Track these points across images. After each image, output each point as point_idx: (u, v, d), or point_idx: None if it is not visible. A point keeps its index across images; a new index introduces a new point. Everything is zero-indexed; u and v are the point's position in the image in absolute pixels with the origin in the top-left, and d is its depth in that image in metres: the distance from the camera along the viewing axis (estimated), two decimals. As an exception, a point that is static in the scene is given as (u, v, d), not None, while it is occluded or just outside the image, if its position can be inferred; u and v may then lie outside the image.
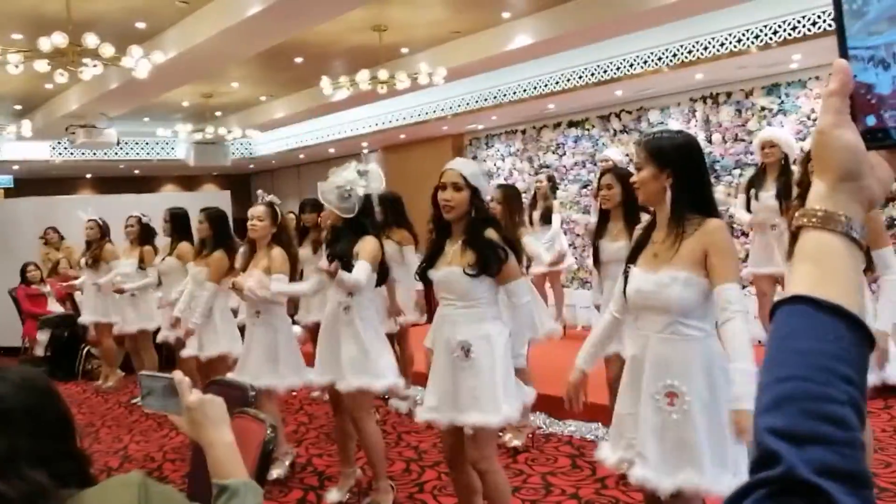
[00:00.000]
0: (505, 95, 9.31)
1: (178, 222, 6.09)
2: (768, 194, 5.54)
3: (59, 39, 5.68)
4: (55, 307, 8.97)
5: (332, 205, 3.94)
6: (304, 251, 5.86)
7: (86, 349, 8.32)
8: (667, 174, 2.50)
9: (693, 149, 2.56)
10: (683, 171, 2.50)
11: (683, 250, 2.46)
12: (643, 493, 2.78)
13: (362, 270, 3.81)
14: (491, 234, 3.14)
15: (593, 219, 5.55)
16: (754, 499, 0.60)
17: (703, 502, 2.65)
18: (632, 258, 2.64)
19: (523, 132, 10.66)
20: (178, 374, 1.51)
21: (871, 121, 0.73)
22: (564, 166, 9.87)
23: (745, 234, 6.92)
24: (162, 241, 6.70)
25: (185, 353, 5.33)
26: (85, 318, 7.67)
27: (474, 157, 11.35)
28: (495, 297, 3.25)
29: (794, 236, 0.75)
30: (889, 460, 4.37)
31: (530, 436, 5.03)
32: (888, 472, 4.18)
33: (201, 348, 5.23)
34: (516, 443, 4.92)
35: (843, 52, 0.73)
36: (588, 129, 9.73)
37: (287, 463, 4.70)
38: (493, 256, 3.09)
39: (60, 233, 9.75)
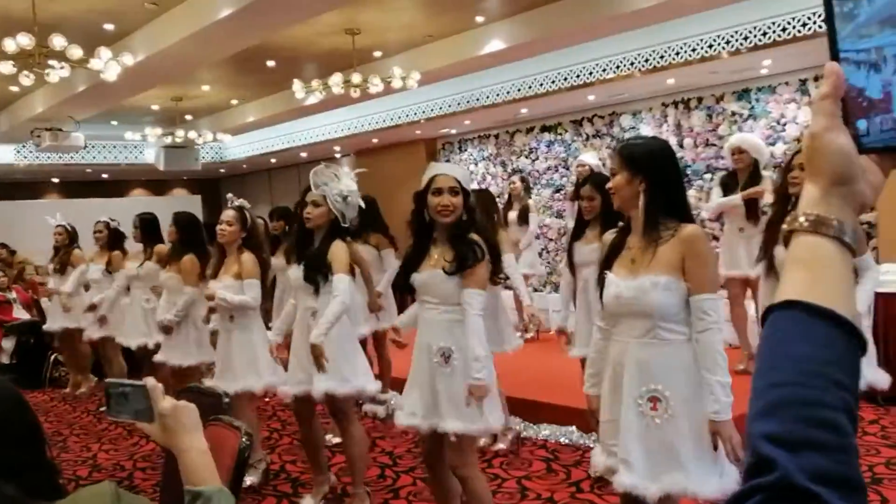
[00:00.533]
0: (478, 100, 9.32)
1: (148, 228, 6.01)
2: (737, 197, 5.63)
3: (25, 41, 5.57)
4: (21, 314, 8.79)
5: (339, 213, 3.87)
6: (278, 261, 5.79)
7: (53, 356, 8.17)
8: (639, 180, 2.52)
9: (666, 155, 2.59)
10: (657, 176, 2.52)
11: (661, 255, 2.47)
12: (620, 497, 2.78)
13: (339, 284, 3.80)
14: (475, 237, 3.13)
15: (570, 223, 5.57)
16: None
17: None
18: (607, 264, 2.64)
19: (496, 137, 10.68)
20: (150, 381, 1.49)
21: (861, 124, 0.72)
22: (537, 171, 9.90)
23: (716, 238, 6.99)
24: (133, 246, 6.60)
25: (158, 358, 5.27)
26: (51, 325, 7.53)
27: (447, 162, 11.36)
28: (483, 305, 3.24)
29: (785, 241, 0.73)
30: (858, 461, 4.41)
31: (514, 439, 5.03)
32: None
33: (173, 356, 5.15)
34: (501, 446, 4.93)
35: (835, 54, 0.73)
36: (561, 134, 9.77)
37: (261, 470, 4.64)
38: (470, 254, 3.08)
39: (10, 248, 9.59)
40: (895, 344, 5.64)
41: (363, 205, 4.08)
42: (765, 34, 6.51)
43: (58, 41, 5.57)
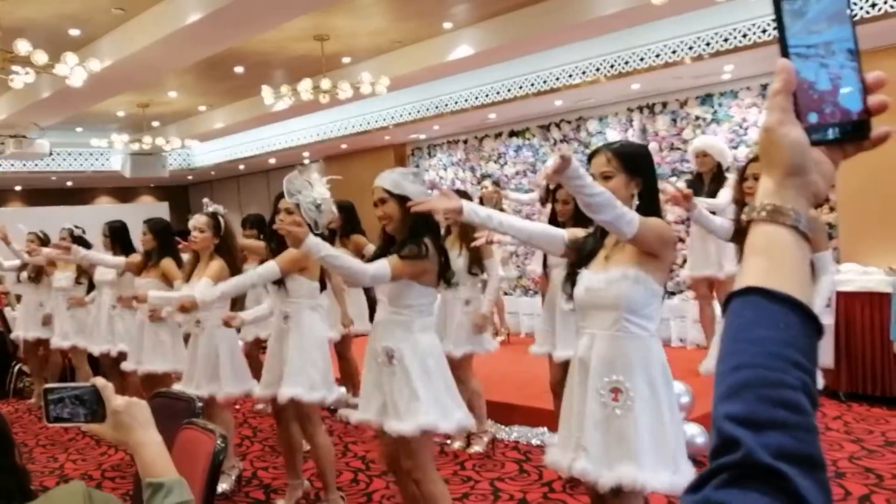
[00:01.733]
0: (447, 105, 9.37)
1: (118, 235, 5.95)
2: (703, 199, 5.72)
3: (-11, 46, 5.50)
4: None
5: (311, 221, 3.78)
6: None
7: (17, 366, 8.03)
8: (636, 182, 2.60)
9: (651, 157, 2.71)
10: (648, 178, 2.63)
11: (633, 249, 2.55)
12: (588, 494, 2.83)
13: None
14: (427, 237, 3.14)
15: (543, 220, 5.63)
16: (715, 484, 0.61)
17: (646, 501, 2.70)
18: (584, 262, 2.70)
19: (465, 142, 10.73)
20: (100, 380, 1.51)
21: (813, 118, 0.75)
22: (506, 175, 9.97)
23: (682, 241, 7.10)
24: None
25: (127, 366, 5.22)
26: (17, 334, 7.42)
27: (417, 167, 11.38)
28: (431, 307, 3.26)
29: (744, 231, 0.78)
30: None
31: (489, 442, 5.07)
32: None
33: (143, 362, 5.11)
34: (477, 448, 4.96)
35: (784, 51, 0.76)
36: (529, 139, 9.85)
37: (233, 477, 4.62)
38: (410, 244, 3.07)
39: None
40: (855, 342, 5.78)
41: (336, 211, 4.09)
42: (726, 40, 6.64)
43: (22, 46, 5.50)
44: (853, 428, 5.12)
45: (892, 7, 5.63)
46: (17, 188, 14.95)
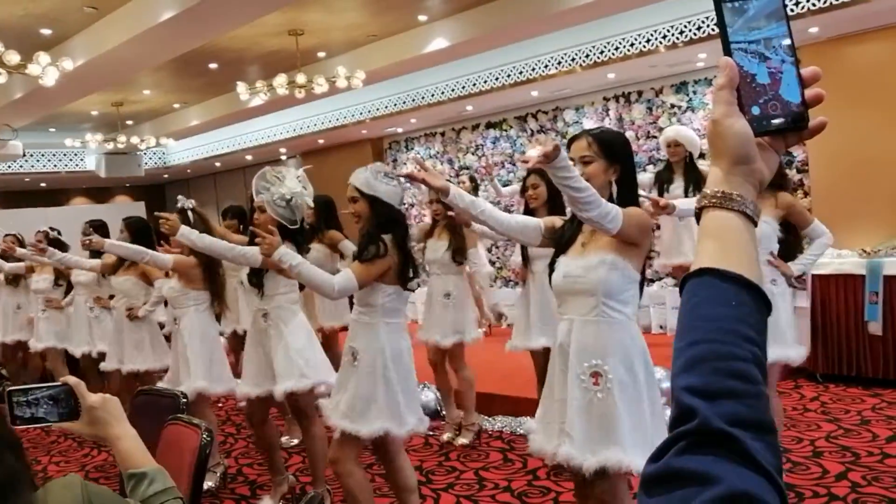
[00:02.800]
0: (423, 98, 9.37)
1: (100, 234, 5.90)
2: (676, 186, 5.78)
3: (-41, 47, 5.44)
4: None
5: (282, 217, 3.74)
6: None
7: (-3, 370, 7.96)
8: (615, 168, 2.64)
9: (629, 145, 2.75)
10: (626, 165, 2.67)
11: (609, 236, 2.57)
12: (573, 479, 2.86)
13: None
14: (388, 238, 3.16)
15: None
16: (675, 451, 0.65)
17: (630, 483, 2.75)
18: (563, 249, 2.73)
19: (443, 134, 10.74)
20: (72, 379, 1.55)
21: (756, 110, 0.80)
22: (483, 167, 10.00)
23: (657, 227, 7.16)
24: (79, 253, 6.48)
25: (106, 366, 5.20)
26: None
27: (394, 161, 11.38)
28: (398, 306, 3.25)
29: (697, 217, 0.82)
30: (801, 436, 4.60)
31: (476, 434, 5.10)
32: (800, 447, 4.41)
33: (125, 361, 5.09)
34: (463, 441, 4.99)
35: (727, 49, 0.81)
36: (506, 130, 9.89)
37: (218, 474, 4.62)
38: (372, 248, 3.11)
39: None
40: (830, 324, 5.88)
41: (311, 204, 4.06)
42: (699, 28, 6.71)
43: (-7, 47, 5.45)
44: (830, 408, 5.22)
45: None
46: (-10, 190, 14.79)
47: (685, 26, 6.80)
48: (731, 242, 0.78)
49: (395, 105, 9.74)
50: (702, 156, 6.08)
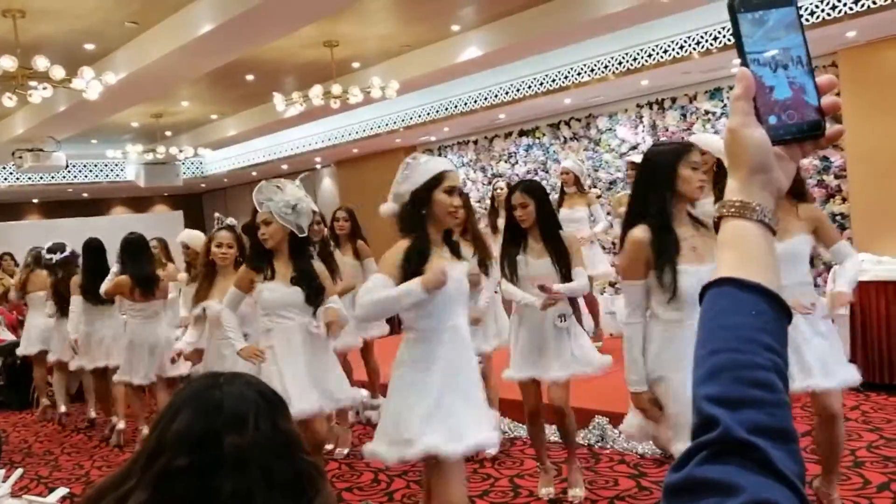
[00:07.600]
0: (456, 107, 9.42)
1: (59, 255, 6.25)
2: (707, 200, 5.67)
3: (8, 63, 5.61)
4: (6, 335, 8.75)
5: (290, 224, 3.75)
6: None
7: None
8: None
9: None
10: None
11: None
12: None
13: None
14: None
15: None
16: (697, 461, 0.66)
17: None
18: (668, 257, 2.97)
19: (475, 142, 10.78)
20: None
21: (773, 119, 0.82)
22: (517, 175, 10.01)
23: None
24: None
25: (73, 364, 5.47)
26: (25, 349, 7.54)
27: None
28: (413, 322, 3.04)
29: (716, 226, 0.84)
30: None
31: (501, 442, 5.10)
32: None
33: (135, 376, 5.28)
34: (490, 451, 4.98)
35: (744, 60, 0.83)
36: (539, 138, 9.89)
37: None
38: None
39: (17, 259, 9.50)
40: (871, 332, 5.79)
41: (316, 208, 4.03)
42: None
43: (41, 62, 5.61)
44: (871, 417, 5.13)
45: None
46: (35, 200, 15.13)
47: (719, 32, 6.76)
48: (750, 252, 0.79)
49: (429, 114, 9.80)
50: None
